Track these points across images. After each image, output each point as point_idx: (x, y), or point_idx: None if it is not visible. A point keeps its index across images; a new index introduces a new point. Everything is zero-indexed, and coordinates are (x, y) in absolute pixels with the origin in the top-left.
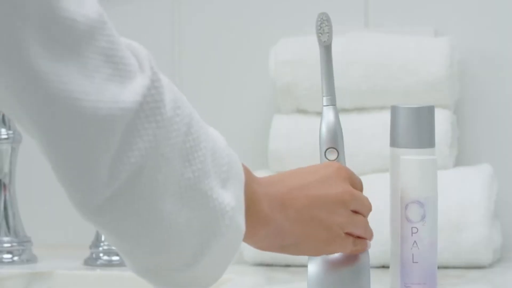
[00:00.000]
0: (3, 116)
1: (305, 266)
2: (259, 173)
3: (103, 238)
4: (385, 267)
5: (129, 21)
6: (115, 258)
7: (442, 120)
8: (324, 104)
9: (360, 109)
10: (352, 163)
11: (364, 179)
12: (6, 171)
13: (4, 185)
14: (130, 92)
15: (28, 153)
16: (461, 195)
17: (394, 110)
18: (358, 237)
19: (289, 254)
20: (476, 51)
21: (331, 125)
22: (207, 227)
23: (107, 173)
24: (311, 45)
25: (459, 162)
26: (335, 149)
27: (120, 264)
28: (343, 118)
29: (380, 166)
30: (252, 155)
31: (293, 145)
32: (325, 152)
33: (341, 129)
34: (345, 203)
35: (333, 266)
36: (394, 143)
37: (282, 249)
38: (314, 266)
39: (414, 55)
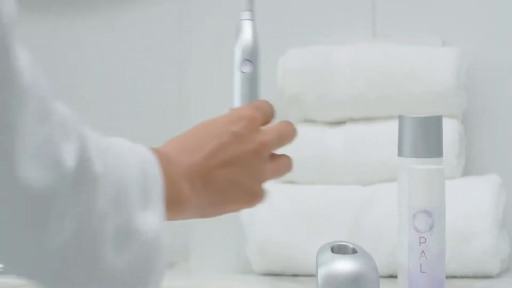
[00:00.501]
0: None
1: (313, 275)
2: (267, 183)
3: None
4: (393, 276)
5: (136, 30)
6: None
7: (449, 130)
8: (242, 18)
9: (367, 119)
10: (359, 172)
11: (372, 189)
12: None
13: None
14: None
15: None
16: (468, 205)
17: (401, 119)
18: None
19: (209, 217)
20: (484, 60)
21: (247, 38)
22: (146, 265)
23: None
24: (318, 55)
25: (466, 171)
26: (250, 61)
27: None
28: (351, 127)
29: (387, 175)
30: None
31: (301, 155)
32: (241, 64)
33: (257, 43)
34: (261, 155)
35: (342, 276)
36: (401, 152)
37: (202, 216)
38: (323, 275)
39: (422, 65)
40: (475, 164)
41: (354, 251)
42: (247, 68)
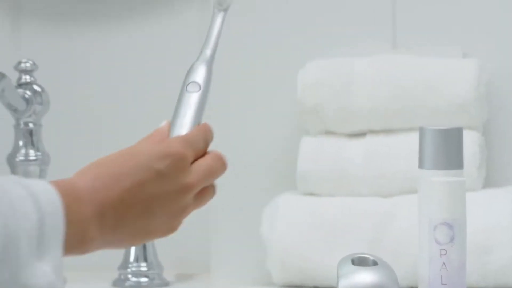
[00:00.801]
0: (32, 137)
1: (334, 287)
2: (287, 195)
3: (131, 260)
4: None
5: (156, 41)
6: (143, 279)
7: (470, 142)
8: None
9: (388, 131)
10: (379, 184)
11: (392, 201)
12: None
13: None
14: None
15: (57, 174)
16: (489, 217)
17: (422, 131)
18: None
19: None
20: (505, 72)
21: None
22: None
23: None
24: (338, 67)
25: (487, 183)
26: (198, 83)
27: (148, 286)
28: (371, 139)
29: (408, 188)
30: (281, 177)
31: (321, 167)
32: (187, 85)
33: (211, 69)
34: (184, 197)
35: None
36: (422, 164)
37: (108, 248)
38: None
39: (442, 77)
40: (496, 176)
41: (374, 263)
42: (194, 89)
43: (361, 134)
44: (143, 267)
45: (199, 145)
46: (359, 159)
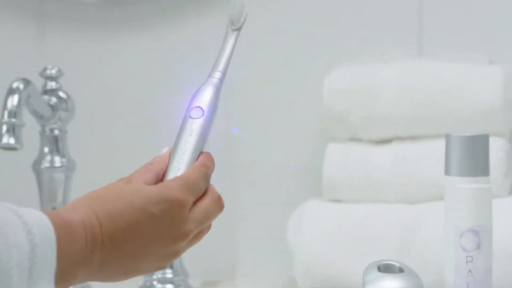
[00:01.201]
0: (57, 144)
1: None
2: (313, 202)
3: None
4: None
5: (183, 48)
6: (169, 286)
7: (496, 149)
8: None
9: (414, 138)
10: (405, 191)
11: (418, 208)
12: (60, 199)
13: None
14: None
15: (82, 181)
16: None
17: (448, 138)
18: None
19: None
20: None
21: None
22: None
23: None
24: (364, 73)
25: None
26: (201, 108)
27: None
28: (397, 146)
29: (434, 194)
30: (306, 184)
31: (347, 174)
32: (191, 110)
33: (218, 97)
34: (180, 242)
35: None
36: (448, 171)
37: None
38: None
39: (468, 84)
40: None
41: (401, 270)
42: (197, 115)
43: (387, 141)
44: (169, 274)
45: (200, 186)
46: (386, 165)
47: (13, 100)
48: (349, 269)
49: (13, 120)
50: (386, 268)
